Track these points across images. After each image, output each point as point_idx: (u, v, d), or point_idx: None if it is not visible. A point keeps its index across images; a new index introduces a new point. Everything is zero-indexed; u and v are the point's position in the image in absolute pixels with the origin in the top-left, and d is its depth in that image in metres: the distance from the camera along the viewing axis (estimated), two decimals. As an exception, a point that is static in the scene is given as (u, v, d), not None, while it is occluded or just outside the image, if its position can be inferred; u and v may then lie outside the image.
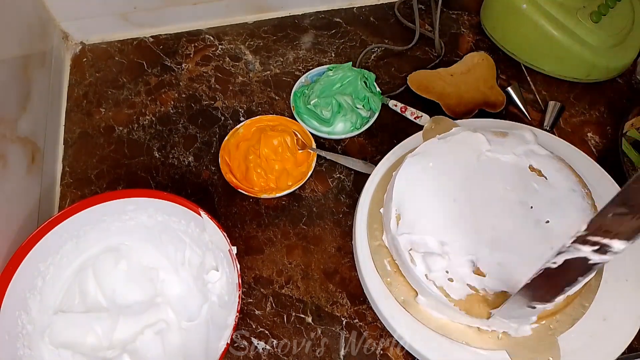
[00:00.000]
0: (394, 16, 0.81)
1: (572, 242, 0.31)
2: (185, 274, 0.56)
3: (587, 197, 0.50)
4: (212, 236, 0.53)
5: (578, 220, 0.48)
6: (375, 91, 0.70)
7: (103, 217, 0.56)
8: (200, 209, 0.53)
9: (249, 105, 0.72)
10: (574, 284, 0.37)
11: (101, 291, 0.55)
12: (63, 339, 0.52)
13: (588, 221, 0.30)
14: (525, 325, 0.46)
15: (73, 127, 0.71)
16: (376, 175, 0.60)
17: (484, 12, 0.78)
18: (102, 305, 0.55)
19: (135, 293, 0.56)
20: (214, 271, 0.54)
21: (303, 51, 0.77)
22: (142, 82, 0.75)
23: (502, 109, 0.70)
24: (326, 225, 0.63)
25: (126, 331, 0.53)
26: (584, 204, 0.50)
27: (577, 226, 0.46)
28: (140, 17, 0.77)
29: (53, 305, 0.54)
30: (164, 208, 0.55)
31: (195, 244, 0.56)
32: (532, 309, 0.42)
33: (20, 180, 0.59)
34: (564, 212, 0.50)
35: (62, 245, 0.55)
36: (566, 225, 0.49)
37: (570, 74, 0.72)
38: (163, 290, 0.56)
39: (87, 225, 0.55)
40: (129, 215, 0.56)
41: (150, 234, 0.57)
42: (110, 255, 0.57)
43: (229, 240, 0.51)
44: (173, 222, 0.56)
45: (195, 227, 0.55)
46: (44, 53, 0.70)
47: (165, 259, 0.57)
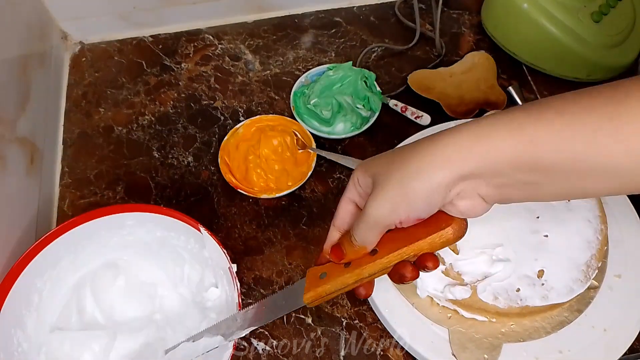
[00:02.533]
0: (395, 16, 0.80)
1: None
2: (184, 290, 0.55)
3: (599, 233, 0.49)
4: (211, 253, 0.52)
5: (577, 250, 0.48)
6: (376, 91, 0.69)
7: (101, 232, 0.54)
8: (200, 225, 0.51)
9: (248, 105, 0.72)
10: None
11: (99, 308, 0.54)
12: (59, 358, 0.51)
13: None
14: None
15: (72, 127, 0.71)
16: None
17: (484, 11, 0.78)
18: (100, 322, 0.54)
19: (134, 309, 0.55)
20: (214, 288, 0.53)
21: (303, 51, 0.77)
22: (142, 82, 0.74)
23: (503, 109, 0.69)
24: (326, 226, 0.62)
25: (123, 350, 0.52)
26: (591, 238, 0.49)
27: (573, 254, 0.46)
28: (140, 17, 0.77)
29: (49, 322, 0.53)
30: (163, 223, 0.53)
31: (194, 260, 0.55)
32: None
33: (19, 180, 0.59)
34: (567, 236, 0.49)
35: (59, 261, 0.53)
36: (563, 246, 0.48)
37: (571, 74, 0.72)
38: (161, 306, 0.55)
39: (85, 239, 0.54)
40: (128, 230, 0.55)
41: (149, 250, 0.56)
42: (109, 271, 0.56)
43: (229, 257, 0.50)
44: (172, 237, 0.55)
45: (195, 243, 0.54)
46: (43, 53, 0.70)
47: (164, 275, 0.56)
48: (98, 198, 0.65)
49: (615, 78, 0.73)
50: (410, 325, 0.50)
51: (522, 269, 0.47)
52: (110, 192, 0.65)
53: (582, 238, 0.49)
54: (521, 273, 0.47)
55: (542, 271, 0.47)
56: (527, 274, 0.47)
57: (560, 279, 0.47)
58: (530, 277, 0.47)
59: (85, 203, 0.64)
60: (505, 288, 0.47)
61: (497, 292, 0.47)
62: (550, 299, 0.46)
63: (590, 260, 0.48)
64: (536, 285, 0.47)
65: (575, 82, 0.72)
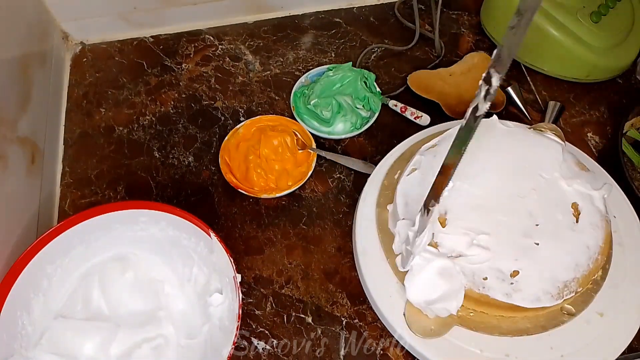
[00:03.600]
0: (394, 16, 0.81)
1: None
2: (191, 290, 0.56)
3: (592, 262, 0.48)
4: (219, 259, 0.52)
5: (562, 268, 0.47)
6: (375, 91, 0.70)
7: (115, 225, 0.55)
8: (211, 230, 0.52)
9: (249, 106, 0.72)
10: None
11: (104, 299, 0.55)
12: (60, 346, 0.51)
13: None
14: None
15: (73, 127, 0.71)
16: (376, 175, 0.60)
17: (484, 12, 0.78)
18: (104, 313, 0.55)
19: (139, 304, 0.55)
20: (218, 294, 0.53)
21: (303, 51, 0.77)
22: (142, 82, 0.75)
23: (502, 109, 0.70)
24: (326, 226, 0.63)
25: (124, 343, 0.52)
26: (581, 262, 0.47)
27: (555, 269, 0.46)
28: (140, 17, 0.77)
29: (55, 309, 0.54)
30: (175, 223, 0.55)
31: (203, 263, 0.55)
32: (426, 211, 0.44)
33: (20, 180, 0.59)
34: (558, 252, 0.48)
35: (71, 249, 0.54)
36: (549, 259, 0.47)
37: (570, 74, 0.72)
38: (167, 304, 0.56)
39: (99, 231, 0.55)
40: (141, 225, 0.56)
41: (159, 247, 0.57)
42: (118, 264, 0.57)
43: (234, 266, 0.51)
44: (183, 238, 0.56)
45: (205, 246, 0.54)
46: (44, 53, 0.70)
47: (172, 273, 0.57)
48: (99, 198, 0.65)
49: (614, 78, 0.73)
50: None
51: (498, 262, 0.47)
52: (111, 192, 0.65)
53: (572, 259, 0.47)
54: (495, 266, 0.47)
55: (517, 272, 0.46)
56: (500, 268, 0.46)
57: (531, 285, 0.46)
58: (503, 272, 0.46)
59: (86, 203, 0.65)
60: (473, 271, 0.47)
61: (464, 270, 0.47)
62: (513, 298, 0.46)
63: (570, 281, 0.47)
64: (505, 281, 0.46)
65: (575, 82, 0.72)
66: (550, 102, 0.70)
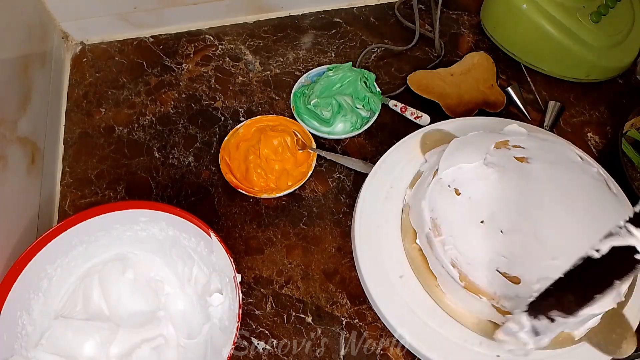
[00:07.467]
0: (394, 16, 0.81)
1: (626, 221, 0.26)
2: (191, 290, 0.56)
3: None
4: (219, 259, 0.52)
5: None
6: (375, 91, 0.70)
7: (115, 225, 0.55)
8: (211, 230, 0.52)
9: (249, 106, 0.72)
10: (609, 288, 0.29)
11: (104, 299, 0.55)
12: (60, 346, 0.51)
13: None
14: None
15: (73, 127, 0.71)
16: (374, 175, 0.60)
17: (484, 12, 0.78)
18: (104, 313, 0.55)
19: (139, 304, 0.55)
20: (218, 294, 0.53)
21: (303, 51, 0.77)
22: (142, 82, 0.75)
23: (502, 109, 0.70)
24: (326, 225, 0.63)
25: (124, 343, 0.53)
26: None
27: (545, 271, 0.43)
28: (140, 17, 0.77)
29: (55, 308, 0.54)
30: (176, 223, 0.54)
31: (203, 263, 0.56)
32: (550, 321, 0.35)
33: (20, 180, 0.59)
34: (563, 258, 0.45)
35: (71, 249, 0.54)
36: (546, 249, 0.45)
37: (570, 74, 0.72)
38: (167, 304, 0.56)
39: (99, 231, 0.55)
40: (141, 225, 0.56)
41: (160, 247, 0.57)
42: (118, 264, 0.57)
43: (234, 266, 0.50)
44: (184, 238, 0.56)
45: (205, 246, 0.54)
46: (44, 53, 0.70)
47: (172, 273, 0.57)
48: (99, 198, 0.65)
49: (614, 78, 0.73)
50: (410, 325, 0.50)
51: (504, 250, 0.44)
52: (111, 192, 0.65)
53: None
54: (498, 253, 0.45)
55: (519, 279, 0.44)
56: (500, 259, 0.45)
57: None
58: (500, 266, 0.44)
59: (86, 203, 0.65)
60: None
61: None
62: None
63: None
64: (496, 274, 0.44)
65: (575, 82, 0.73)
66: (550, 102, 0.70)
